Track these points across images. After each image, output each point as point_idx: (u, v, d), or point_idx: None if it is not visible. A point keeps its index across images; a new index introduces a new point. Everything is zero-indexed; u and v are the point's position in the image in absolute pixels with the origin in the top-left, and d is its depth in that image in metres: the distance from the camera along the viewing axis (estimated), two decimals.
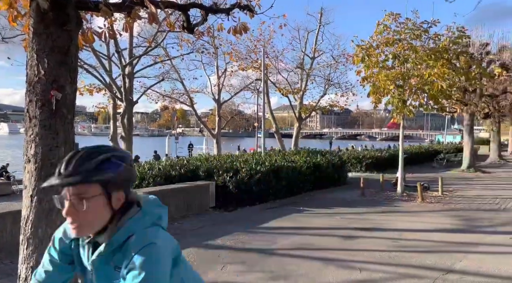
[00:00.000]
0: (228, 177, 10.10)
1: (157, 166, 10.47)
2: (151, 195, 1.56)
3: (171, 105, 25.15)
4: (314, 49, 21.34)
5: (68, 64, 3.58)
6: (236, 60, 19.73)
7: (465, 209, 9.32)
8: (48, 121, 3.43)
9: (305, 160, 12.57)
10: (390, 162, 20.68)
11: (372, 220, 8.29)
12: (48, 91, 3.45)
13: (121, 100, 15.90)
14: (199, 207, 9.56)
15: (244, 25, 6.46)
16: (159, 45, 15.99)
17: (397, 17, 10.61)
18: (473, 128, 20.10)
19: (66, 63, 3.56)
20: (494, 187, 13.47)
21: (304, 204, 10.39)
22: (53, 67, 3.49)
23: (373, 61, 10.69)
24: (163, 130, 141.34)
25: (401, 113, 10.51)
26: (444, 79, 9.71)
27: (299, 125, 21.57)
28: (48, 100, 3.46)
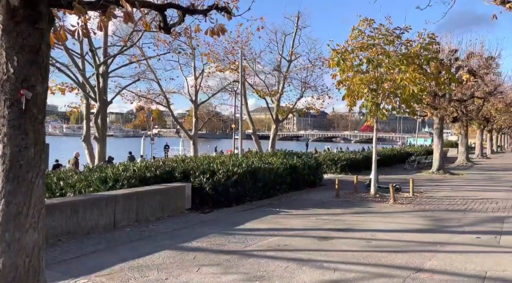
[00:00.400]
0: (204, 179, 10.06)
1: (131, 167, 10.30)
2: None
3: (147, 105, 24.78)
4: (291, 52, 21.53)
5: (39, 63, 3.49)
6: (214, 61, 19.68)
7: (434, 210, 9.62)
8: (17, 121, 3.34)
9: (282, 161, 12.67)
10: (364, 163, 21.10)
11: (346, 220, 8.44)
12: (17, 90, 3.36)
13: (95, 100, 15.58)
14: (174, 209, 9.48)
15: (222, 26, 6.47)
16: (134, 45, 15.78)
17: (371, 23, 10.87)
18: (442, 131, 20.77)
19: (37, 62, 3.48)
20: (462, 188, 13.96)
21: (281, 205, 10.46)
22: (23, 66, 3.40)
23: (348, 65, 10.90)
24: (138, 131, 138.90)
25: (374, 116, 10.76)
26: (415, 84, 10.01)
27: (276, 127, 21.69)
28: (18, 100, 3.37)
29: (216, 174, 10.31)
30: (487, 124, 35.51)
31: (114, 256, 5.97)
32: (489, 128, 39.21)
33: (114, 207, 8.04)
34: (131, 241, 6.90)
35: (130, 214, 8.39)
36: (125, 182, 9.38)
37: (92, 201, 7.70)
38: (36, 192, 3.48)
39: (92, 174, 9.67)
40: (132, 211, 8.44)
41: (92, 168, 10.90)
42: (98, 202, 7.78)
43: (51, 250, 6.05)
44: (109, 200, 8.00)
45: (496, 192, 12.64)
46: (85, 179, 9.43)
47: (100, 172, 9.76)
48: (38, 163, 3.46)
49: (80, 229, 7.34)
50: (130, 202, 8.39)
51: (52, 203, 7.12)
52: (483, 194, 12.24)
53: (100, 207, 7.76)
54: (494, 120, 37.27)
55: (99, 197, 7.96)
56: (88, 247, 6.42)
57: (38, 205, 3.50)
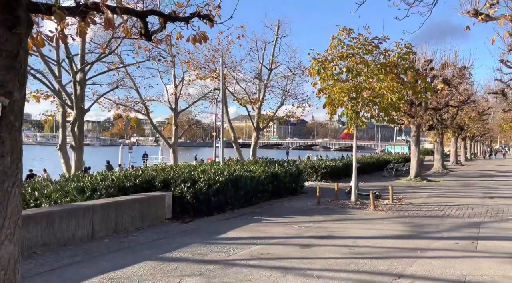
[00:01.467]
0: (185, 187, 9.93)
1: (110, 176, 10.09)
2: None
3: (125, 113, 24.37)
4: (271, 61, 21.69)
5: (17, 69, 3.39)
6: (194, 69, 19.62)
7: (413, 216, 9.78)
8: None
9: (264, 169, 12.67)
10: (344, 171, 21.33)
11: (327, 228, 8.48)
12: None
13: (72, 108, 15.25)
14: (154, 219, 9.31)
15: (204, 34, 6.45)
16: (113, 52, 15.56)
17: (350, 33, 11.08)
18: (419, 139, 21.26)
19: (15, 67, 3.38)
20: (438, 195, 14.28)
21: (262, 213, 10.43)
22: (0, 72, 3.29)
23: (328, 74, 11.06)
24: (116, 140, 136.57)
25: (354, 124, 10.92)
26: (393, 92, 10.24)
27: (257, 135, 21.72)
28: None
29: (198, 182, 10.21)
30: (461, 132, 36.58)
31: (92, 268, 5.80)
32: (463, 136, 40.39)
33: (91, 217, 7.83)
34: (110, 252, 6.72)
35: (108, 224, 8.18)
36: (103, 191, 9.16)
37: (68, 211, 7.48)
38: (12, 202, 3.35)
39: (68, 184, 9.40)
40: (111, 221, 8.24)
41: (68, 178, 10.62)
42: (75, 212, 7.56)
43: (26, 262, 5.82)
44: (87, 210, 7.79)
45: (471, 198, 12.98)
46: (61, 188, 9.15)
47: (77, 182, 9.51)
48: (14, 171, 3.34)
49: (56, 240, 7.11)
50: (108, 212, 8.19)
51: (26, 214, 6.87)
52: (459, 200, 12.56)
53: (77, 218, 7.55)
54: (468, 129, 38.45)
55: (76, 207, 7.74)
56: (65, 259, 6.21)
57: (14, 215, 3.37)
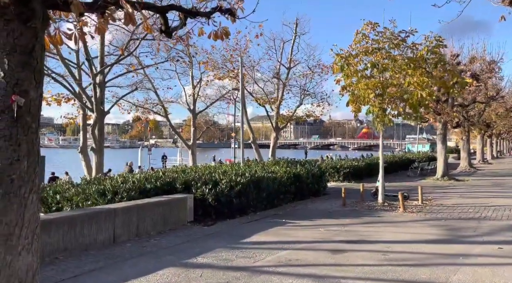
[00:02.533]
0: (207, 189, 9.67)
1: (131, 179, 9.91)
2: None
3: (144, 115, 24.38)
4: (290, 59, 21.30)
5: (33, 65, 3.15)
6: (212, 69, 19.39)
7: (447, 218, 9.26)
8: (9, 131, 2.98)
9: (285, 170, 12.31)
10: (367, 171, 20.78)
11: (357, 231, 8.06)
12: (8, 96, 3.01)
13: (92, 111, 15.22)
14: (176, 222, 9.08)
15: (226, 29, 6.13)
16: (131, 54, 15.46)
17: (375, 26, 10.62)
18: (446, 137, 20.52)
19: (30, 64, 3.13)
20: (470, 195, 13.62)
21: (286, 215, 10.08)
22: (15, 69, 3.05)
23: (352, 70, 10.62)
24: (135, 142, 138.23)
25: (381, 122, 10.45)
26: (423, 88, 9.74)
27: (276, 136, 21.35)
28: (9, 107, 3.02)
29: (219, 184, 9.94)
30: (488, 130, 35.35)
31: (115, 274, 5.57)
32: (489, 133, 39.07)
33: (113, 221, 7.64)
34: (132, 257, 6.50)
35: (130, 228, 7.98)
36: (124, 194, 8.97)
37: (90, 215, 7.30)
38: (30, 209, 3.11)
39: (90, 187, 9.26)
40: (132, 225, 8.04)
41: (89, 180, 10.51)
42: (97, 216, 7.38)
43: (47, 269, 5.64)
44: (108, 213, 7.60)
45: (506, 199, 12.31)
46: (83, 192, 9.02)
47: (98, 184, 9.36)
48: (31, 176, 3.09)
49: (78, 245, 6.93)
50: (130, 215, 7.99)
51: (48, 218, 6.73)
52: (493, 200, 11.91)
53: (99, 221, 7.36)
54: (494, 126, 37.13)
55: (98, 211, 7.55)
56: (87, 265, 6.01)
57: (32, 224, 3.12)
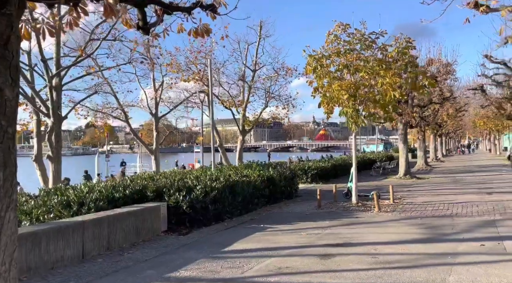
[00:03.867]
0: (181, 196, 9.19)
1: (96, 188, 9.23)
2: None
3: (103, 120, 23.18)
4: (255, 62, 21.16)
5: (8, 59, 2.67)
6: (177, 71, 18.79)
7: (421, 217, 9.40)
8: None
9: (259, 173, 12.06)
10: (333, 172, 21.02)
11: (338, 234, 7.95)
12: None
13: (48, 116, 14.19)
14: (150, 232, 8.54)
15: (206, 26, 5.78)
16: (91, 56, 14.59)
17: (346, 28, 10.66)
18: (407, 137, 21.21)
19: (5, 58, 2.65)
20: (435, 193, 14.05)
21: (263, 220, 9.82)
22: None
23: (325, 71, 10.58)
24: (88, 148, 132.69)
25: (355, 123, 10.48)
26: (394, 88, 9.87)
27: (243, 139, 21.11)
28: None
29: (194, 190, 9.49)
30: (439, 129, 37.13)
31: None
32: (439, 133, 41.07)
33: (82, 235, 7.01)
34: (107, 275, 5.94)
35: (101, 242, 7.37)
36: (91, 205, 8.30)
37: (56, 230, 6.63)
38: (7, 230, 2.63)
39: (51, 198, 8.51)
40: (103, 238, 7.43)
41: (49, 191, 9.69)
42: (64, 231, 6.72)
43: None
44: (76, 227, 6.96)
45: (470, 195, 12.79)
46: (44, 204, 8.26)
47: (61, 195, 8.62)
48: (8, 191, 2.62)
49: (43, 263, 6.26)
50: (100, 228, 7.38)
51: None
52: (458, 197, 12.33)
53: (66, 236, 6.71)
54: (444, 125, 39.08)
55: (65, 225, 6.88)
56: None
57: (9, 247, 2.64)
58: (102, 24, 14.40)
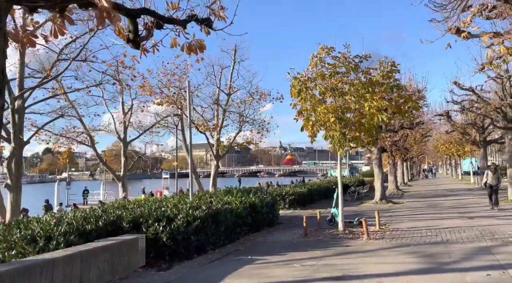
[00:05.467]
0: (160, 227, 8.45)
1: (64, 219, 8.30)
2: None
3: (67, 146, 21.78)
4: (229, 86, 20.86)
5: None
6: (149, 94, 18.09)
7: (413, 244, 9.09)
8: None
9: (241, 200, 11.47)
10: (309, 197, 20.71)
11: (335, 265, 7.45)
12: None
13: (8, 141, 13.05)
14: (126, 268, 7.70)
15: (200, 42, 5.39)
16: (58, 76, 13.70)
17: (330, 51, 10.56)
18: (381, 161, 21.35)
19: None
20: (417, 218, 13.94)
21: (249, 251, 9.18)
22: None
23: (310, 93, 10.36)
24: (45, 176, 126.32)
25: (342, 146, 10.22)
26: (381, 112, 9.76)
27: (217, 163, 20.47)
28: None
29: (174, 220, 8.77)
30: (407, 154, 38.05)
31: None
32: (405, 157, 42.12)
33: (51, 275, 6.12)
34: None
35: (72, 282, 6.48)
36: (60, 239, 7.39)
37: (21, 270, 5.72)
38: None
39: (11, 232, 7.53)
40: (75, 278, 6.54)
41: (9, 224, 8.65)
42: (30, 271, 5.82)
43: None
44: (45, 266, 6.06)
45: (452, 220, 12.73)
46: (4, 239, 7.28)
47: (24, 229, 7.65)
48: None
49: None
50: (72, 266, 6.50)
51: None
52: (442, 222, 12.21)
53: (33, 278, 5.81)
54: (411, 150, 40.16)
55: (32, 263, 5.98)
56: None
57: None
58: (71, 44, 13.67)
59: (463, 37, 9.49)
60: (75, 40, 12.89)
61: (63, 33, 4.07)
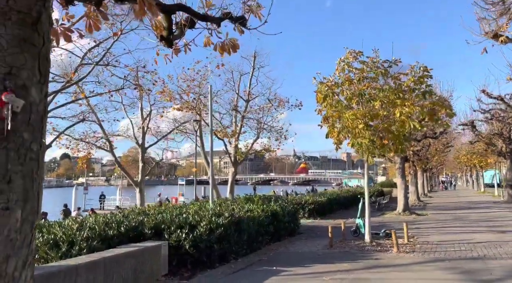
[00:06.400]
0: (183, 235, 8.19)
1: (86, 224, 8.12)
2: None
3: (86, 151, 21.84)
4: (248, 92, 20.69)
5: (37, 46, 1.85)
6: (169, 100, 18.01)
7: (448, 259, 8.61)
8: None
9: (263, 208, 11.16)
10: (329, 206, 20.24)
11: (368, 280, 7.05)
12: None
13: None
14: (149, 277, 7.44)
15: (233, 42, 5.10)
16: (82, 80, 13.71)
17: (358, 55, 10.26)
18: (405, 171, 20.76)
19: (33, 43, 1.84)
20: (444, 231, 13.37)
21: (273, 261, 8.83)
22: (7, 49, 1.74)
23: (336, 99, 10.04)
24: (62, 181, 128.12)
25: (371, 154, 9.85)
26: (412, 119, 9.39)
27: (235, 170, 20.21)
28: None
29: (197, 227, 8.50)
30: (427, 164, 37.15)
31: None
32: (425, 168, 41.15)
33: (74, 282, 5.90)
34: None
35: None
36: (83, 245, 7.20)
37: (45, 277, 5.51)
38: None
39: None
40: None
41: None
42: (54, 278, 5.61)
43: None
44: (68, 272, 5.84)
45: (483, 234, 12.14)
46: None
47: (47, 233, 7.49)
48: (27, 237, 1.74)
49: None
50: (95, 273, 6.27)
51: None
52: (473, 236, 11.65)
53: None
54: (431, 161, 39.23)
55: (55, 270, 5.75)
56: None
57: None
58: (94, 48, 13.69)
59: (501, 41, 9.07)
60: (98, 44, 12.90)
61: (99, 28, 3.89)
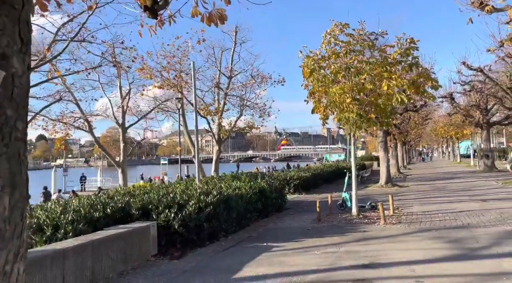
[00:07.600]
0: (172, 214, 8.05)
1: (72, 207, 7.87)
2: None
3: (64, 132, 21.13)
4: (230, 69, 20.25)
5: (16, 8, 1.61)
6: (150, 77, 17.47)
7: (434, 229, 8.79)
8: None
9: (250, 185, 11.09)
10: (313, 181, 20.41)
11: (358, 252, 7.12)
12: None
13: None
14: (139, 257, 7.33)
15: (221, 12, 4.83)
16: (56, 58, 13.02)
17: (345, 27, 10.05)
18: (387, 144, 21.02)
19: (12, 5, 1.60)
20: (427, 201, 13.68)
21: (263, 237, 8.84)
22: None
23: (323, 73, 9.88)
24: (39, 163, 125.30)
25: (359, 128, 9.82)
26: (400, 92, 9.35)
27: (219, 148, 19.99)
28: None
29: (186, 206, 8.37)
30: (406, 137, 37.82)
31: None
32: (404, 140, 41.91)
33: (62, 266, 5.72)
34: None
35: (84, 273, 6.09)
36: (68, 228, 6.97)
37: (32, 262, 5.30)
38: None
39: None
40: (87, 269, 6.15)
41: None
42: (40, 262, 5.41)
43: None
44: (56, 257, 5.66)
45: (465, 203, 12.47)
46: None
47: (30, 217, 7.19)
48: (18, 227, 1.55)
49: None
50: (83, 256, 6.10)
51: None
52: (456, 205, 11.94)
53: (43, 269, 5.41)
54: (410, 133, 39.95)
55: (41, 255, 5.55)
56: None
57: None
58: (68, 23, 12.97)
59: (486, 11, 9.02)
60: (72, 19, 12.20)
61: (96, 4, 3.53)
